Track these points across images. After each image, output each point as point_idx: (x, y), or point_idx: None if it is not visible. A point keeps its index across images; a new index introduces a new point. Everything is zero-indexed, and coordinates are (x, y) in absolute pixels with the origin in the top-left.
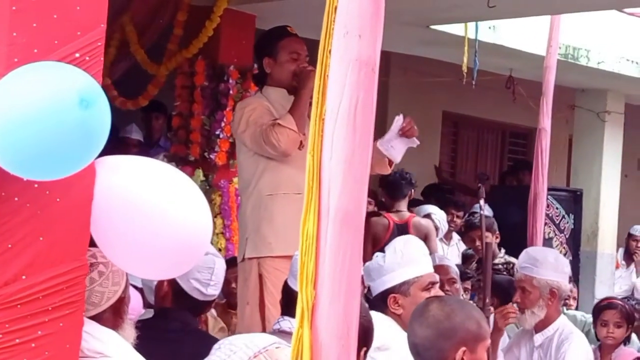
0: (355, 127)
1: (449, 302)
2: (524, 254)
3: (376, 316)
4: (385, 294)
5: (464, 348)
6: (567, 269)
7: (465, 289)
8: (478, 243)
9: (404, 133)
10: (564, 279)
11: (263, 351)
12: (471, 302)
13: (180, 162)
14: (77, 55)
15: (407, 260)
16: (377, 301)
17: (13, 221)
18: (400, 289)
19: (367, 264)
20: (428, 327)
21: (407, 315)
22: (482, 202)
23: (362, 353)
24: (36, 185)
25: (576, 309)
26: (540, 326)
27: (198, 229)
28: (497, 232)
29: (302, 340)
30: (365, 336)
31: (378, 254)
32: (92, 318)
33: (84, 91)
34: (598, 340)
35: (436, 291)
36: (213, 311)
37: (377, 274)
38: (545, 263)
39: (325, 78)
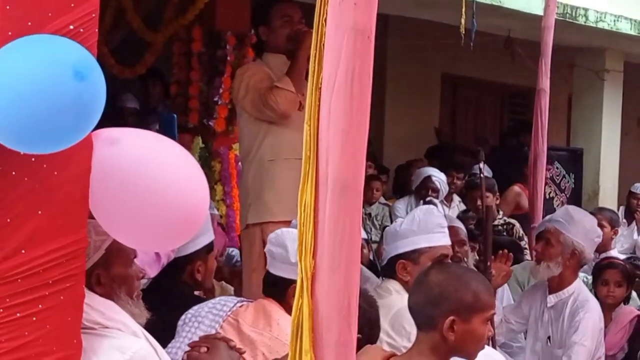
0: (353, 96)
1: (447, 270)
2: (563, 209)
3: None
4: (395, 259)
5: (452, 317)
6: (597, 240)
7: (472, 248)
8: (479, 203)
9: None
10: (590, 247)
11: (230, 314)
12: (477, 271)
13: (180, 129)
14: (72, 27)
15: (422, 229)
16: (387, 266)
17: (11, 196)
18: (410, 256)
19: (386, 228)
20: (421, 292)
21: None
22: (481, 164)
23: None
24: (33, 159)
25: None
26: (555, 288)
27: (196, 200)
28: (498, 194)
29: (302, 311)
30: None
31: (399, 219)
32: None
33: (78, 63)
34: (598, 299)
35: None
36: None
37: (391, 239)
38: (579, 225)
39: (322, 47)
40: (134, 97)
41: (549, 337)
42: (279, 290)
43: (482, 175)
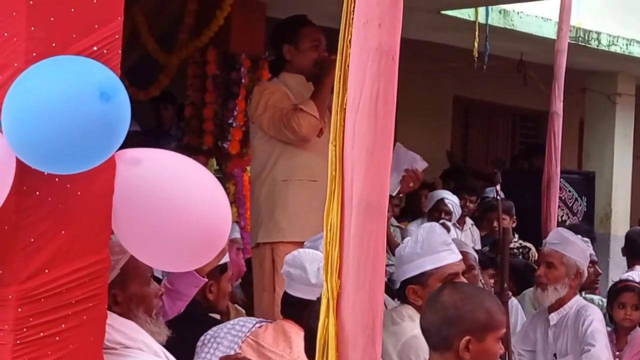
0: (377, 117)
1: (461, 290)
2: (555, 232)
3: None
4: (404, 284)
5: (468, 337)
6: (590, 258)
7: (491, 275)
8: (495, 225)
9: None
10: (586, 266)
11: (249, 334)
12: (488, 290)
13: (194, 151)
14: (95, 48)
15: (426, 251)
16: (399, 290)
17: (35, 215)
18: (418, 280)
19: (396, 249)
20: (435, 313)
21: None
22: (498, 187)
23: None
24: (57, 179)
25: None
26: (556, 306)
27: (218, 221)
28: (515, 217)
29: (328, 330)
30: None
31: (404, 241)
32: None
33: (104, 84)
34: (612, 322)
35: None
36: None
37: (398, 263)
38: (575, 245)
39: (346, 68)
40: (133, 120)
41: (555, 355)
42: (298, 311)
43: (499, 197)
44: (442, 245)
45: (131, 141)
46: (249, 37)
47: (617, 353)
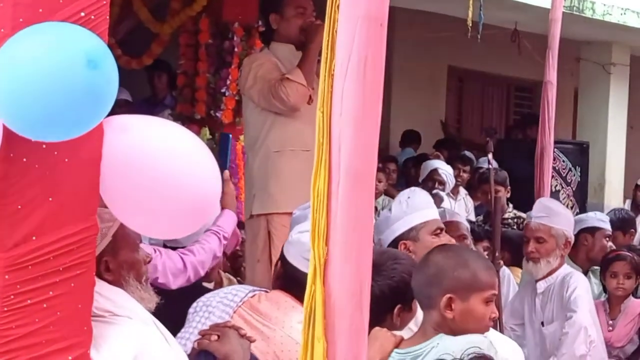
0: (365, 83)
1: (447, 250)
2: (537, 204)
3: None
4: (396, 242)
5: (449, 295)
6: (573, 223)
7: (485, 248)
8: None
9: None
10: (572, 231)
11: (241, 304)
12: (480, 253)
13: (186, 120)
14: (83, 14)
15: (412, 209)
16: None
17: (22, 182)
18: (409, 235)
19: (380, 214)
20: (420, 272)
21: None
22: (490, 156)
23: (395, 311)
24: (44, 146)
25: None
26: (545, 276)
27: (208, 188)
28: (509, 187)
29: (314, 298)
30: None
31: (385, 208)
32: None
33: (91, 52)
34: (605, 292)
35: (446, 237)
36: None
37: (385, 226)
38: (559, 214)
39: (334, 34)
40: (123, 89)
41: (542, 323)
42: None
43: (490, 166)
44: (426, 204)
45: (120, 110)
46: (242, 5)
47: (611, 322)
